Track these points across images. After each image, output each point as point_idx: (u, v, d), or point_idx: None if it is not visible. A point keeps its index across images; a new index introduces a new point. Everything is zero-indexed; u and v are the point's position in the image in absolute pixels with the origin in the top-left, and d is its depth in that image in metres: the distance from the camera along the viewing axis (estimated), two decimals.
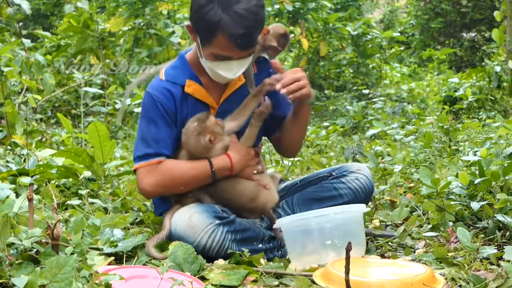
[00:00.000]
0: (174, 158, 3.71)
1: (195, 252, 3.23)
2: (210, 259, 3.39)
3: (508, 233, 3.64)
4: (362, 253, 3.46)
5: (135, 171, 3.73)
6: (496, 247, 3.40)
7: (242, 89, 3.85)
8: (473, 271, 3.09)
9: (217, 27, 3.41)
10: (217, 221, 3.48)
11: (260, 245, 3.58)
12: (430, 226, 4.03)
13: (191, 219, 3.48)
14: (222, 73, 3.61)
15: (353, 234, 3.40)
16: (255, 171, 3.78)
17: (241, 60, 3.59)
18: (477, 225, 3.89)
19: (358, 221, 3.47)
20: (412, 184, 5.30)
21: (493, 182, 3.96)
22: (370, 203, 4.64)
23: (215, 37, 3.45)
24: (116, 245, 3.30)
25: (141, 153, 3.68)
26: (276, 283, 3.10)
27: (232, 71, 3.61)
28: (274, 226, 3.57)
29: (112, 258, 3.20)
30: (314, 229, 3.37)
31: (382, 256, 3.64)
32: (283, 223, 3.46)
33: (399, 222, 4.30)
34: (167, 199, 3.85)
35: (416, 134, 8.32)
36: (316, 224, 3.36)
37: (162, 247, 3.45)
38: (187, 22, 3.83)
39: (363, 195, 3.85)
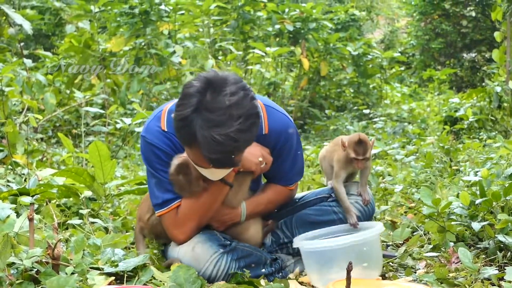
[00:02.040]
0: None
1: (197, 273, 3.23)
2: None
3: (509, 253, 3.64)
4: (378, 273, 3.49)
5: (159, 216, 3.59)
6: (497, 268, 3.39)
7: None
8: None
9: (195, 143, 3.13)
10: (221, 250, 3.45)
11: (263, 270, 3.56)
12: (431, 246, 4.02)
13: (194, 250, 3.45)
14: (204, 174, 3.39)
15: (374, 257, 3.45)
16: (261, 159, 3.57)
17: (224, 169, 3.40)
18: (478, 246, 3.88)
19: (377, 243, 3.53)
20: (413, 204, 5.30)
21: (494, 203, 3.96)
22: None
23: (193, 149, 3.20)
24: (117, 265, 3.29)
25: (160, 201, 3.52)
26: None
27: (214, 175, 3.40)
28: (295, 245, 3.60)
29: (113, 278, 3.20)
30: (337, 255, 3.39)
31: (383, 276, 3.63)
32: (303, 246, 3.49)
33: (400, 242, 4.30)
34: None
35: (417, 154, 8.31)
36: (340, 251, 3.40)
37: (163, 268, 3.45)
38: (188, 43, 3.56)
39: (363, 219, 3.81)
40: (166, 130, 3.51)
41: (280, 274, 3.63)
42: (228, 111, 3.05)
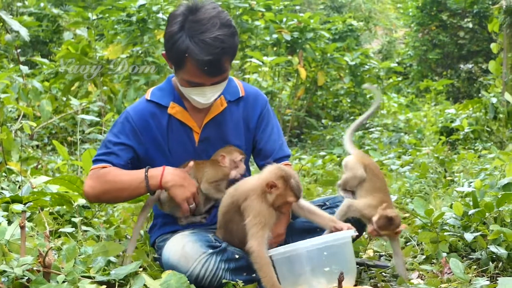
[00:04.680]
0: None
1: (188, 282, 3.22)
2: None
3: (501, 264, 3.65)
4: (352, 281, 3.45)
5: None
6: (488, 279, 3.40)
7: (224, 114, 3.94)
8: None
9: (185, 55, 3.55)
10: (210, 250, 3.48)
11: (254, 275, 3.55)
12: (424, 257, 4.03)
13: (184, 249, 3.48)
14: (196, 98, 3.71)
15: (346, 261, 3.39)
16: (191, 204, 3.75)
17: (214, 86, 3.69)
18: (470, 256, 3.89)
19: (348, 247, 3.45)
20: (406, 215, 5.30)
21: (487, 213, 3.97)
22: (364, 234, 4.63)
23: (185, 64, 3.59)
24: (108, 273, 3.29)
25: (94, 158, 3.85)
26: None
27: (206, 96, 3.71)
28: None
29: (104, 286, 3.19)
30: (305, 259, 3.36)
31: (375, 286, 3.63)
32: (274, 253, 3.45)
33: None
34: (161, 225, 3.89)
35: (412, 164, 8.32)
36: (308, 254, 3.36)
37: (155, 276, 3.44)
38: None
39: (356, 227, 3.82)
40: (149, 98, 3.92)
41: None
42: (211, 20, 3.55)
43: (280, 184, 3.40)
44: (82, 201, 4.66)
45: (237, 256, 3.56)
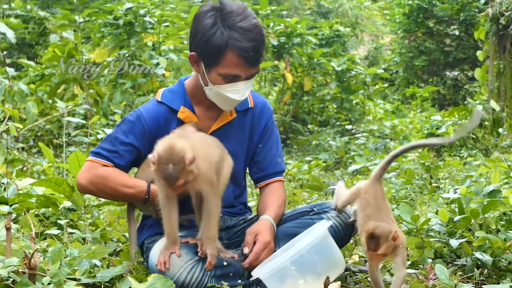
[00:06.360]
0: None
1: (174, 286, 3.21)
2: None
3: (486, 271, 3.66)
4: (340, 271, 3.45)
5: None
6: (474, 285, 3.41)
7: (232, 123, 3.90)
8: None
9: (226, 45, 3.52)
10: (197, 257, 3.47)
11: (240, 281, 3.55)
12: (409, 262, 4.03)
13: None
14: (230, 96, 3.64)
15: (326, 260, 3.38)
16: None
17: (247, 81, 3.66)
18: (456, 263, 3.90)
19: (324, 246, 3.42)
20: None
21: (472, 220, 3.98)
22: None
23: (224, 56, 3.55)
24: (94, 276, 3.28)
25: (96, 150, 3.78)
26: None
27: (240, 92, 3.66)
28: (254, 277, 3.48)
29: None
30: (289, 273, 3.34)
31: None
32: (260, 274, 3.43)
33: None
34: (150, 226, 3.87)
35: (398, 170, 8.34)
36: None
37: (141, 279, 3.43)
38: (172, 55, 3.81)
39: (343, 233, 3.81)
40: (160, 100, 3.83)
41: (258, 287, 3.61)
42: (244, 12, 3.60)
43: None
44: (68, 203, 4.65)
45: (225, 263, 3.54)
